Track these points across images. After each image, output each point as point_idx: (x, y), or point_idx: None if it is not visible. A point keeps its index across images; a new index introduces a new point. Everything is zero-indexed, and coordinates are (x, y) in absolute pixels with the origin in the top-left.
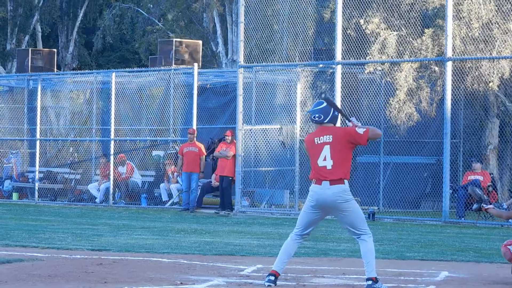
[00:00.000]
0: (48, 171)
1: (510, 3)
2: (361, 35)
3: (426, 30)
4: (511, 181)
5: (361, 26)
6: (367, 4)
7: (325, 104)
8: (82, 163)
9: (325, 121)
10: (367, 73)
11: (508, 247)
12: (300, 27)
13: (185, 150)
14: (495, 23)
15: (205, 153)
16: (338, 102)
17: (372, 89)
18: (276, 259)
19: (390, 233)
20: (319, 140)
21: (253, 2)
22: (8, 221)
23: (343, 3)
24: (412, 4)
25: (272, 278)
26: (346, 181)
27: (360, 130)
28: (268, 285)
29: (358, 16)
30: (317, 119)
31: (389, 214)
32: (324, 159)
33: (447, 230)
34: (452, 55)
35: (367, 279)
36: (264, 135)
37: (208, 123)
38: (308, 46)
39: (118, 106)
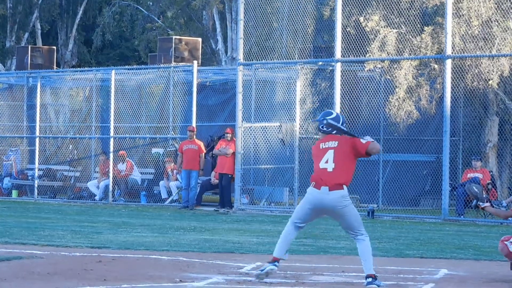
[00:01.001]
0: (48, 168)
1: (509, 1)
2: (360, 32)
3: (425, 28)
4: (511, 179)
5: (360, 23)
6: (367, 2)
7: (334, 114)
8: (81, 160)
9: (333, 132)
10: (367, 70)
11: (506, 242)
12: (300, 24)
13: (184, 147)
14: (494, 20)
15: (205, 151)
16: (337, 100)
17: (371, 86)
18: (277, 246)
19: (390, 230)
20: (325, 145)
21: (252, 0)
22: (7, 219)
23: (342, 1)
24: (411, 1)
25: (277, 263)
26: (345, 186)
27: (363, 140)
28: (271, 269)
29: (358, 14)
30: (325, 129)
31: (388, 212)
32: (326, 162)
33: (446, 228)
34: (452, 53)
35: (367, 277)
36: (264, 132)
37: (208, 120)
38: (308, 44)
39: (118, 103)
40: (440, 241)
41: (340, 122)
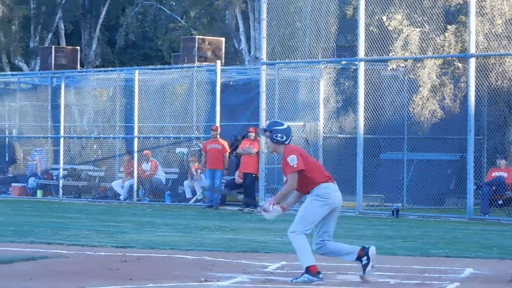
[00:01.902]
0: (72, 168)
1: None
2: (383, 31)
3: (449, 27)
4: None
5: (383, 22)
6: (390, 1)
7: (286, 126)
8: (106, 160)
9: (286, 142)
10: (390, 69)
11: None
12: (323, 23)
13: (208, 147)
14: None
15: (229, 150)
16: (361, 99)
17: (395, 85)
18: (309, 256)
19: (414, 230)
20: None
21: (276, 0)
22: (32, 218)
23: (365, 0)
24: (434, 0)
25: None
26: None
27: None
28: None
29: (381, 13)
30: (279, 139)
31: (413, 211)
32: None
33: (471, 227)
34: (475, 52)
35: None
36: None
37: (231, 120)
38: (331, 43)
39: (142, 103)
40: (465, 240)
41: (291, 135)
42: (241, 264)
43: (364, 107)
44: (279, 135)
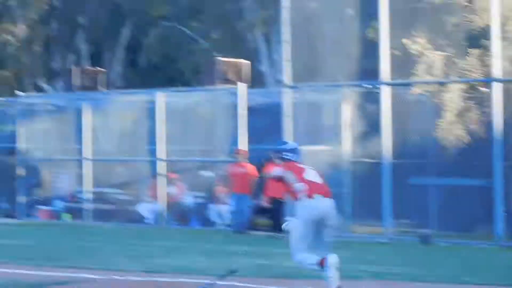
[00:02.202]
0: (99, 191)
1: None
2: (406, 55)
3: (472, 51)
4: None
5: (406, 46)
6: (412, 24)
7: (292, 145)
8: (132, 183)
9: (294, 160)
10: (414, 93)
11: None
12: (346, 46)
13: (234, 170)
14: None
15: (256, 174)
16: (385, 123)
17: (419, 109)
18: (311, 257)
19: (445, 256)
20: (299, 164)
21: (298, 22)
22: (60, 242)
23: (389, 24)
24: (457, 24)
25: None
26: None
27: None
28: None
29: (403, 36)
30: (289, 157)
31: (443, 238)
32: (314, 176)
33: (502, 254)
34: (500, 76)
35: None
36: (313, 156)
37: (256, 143)
38: (354, 66)
39: (166, 126)
40: (496, 268)
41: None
42: None
43: (390, 131)
44: (287, 153)
